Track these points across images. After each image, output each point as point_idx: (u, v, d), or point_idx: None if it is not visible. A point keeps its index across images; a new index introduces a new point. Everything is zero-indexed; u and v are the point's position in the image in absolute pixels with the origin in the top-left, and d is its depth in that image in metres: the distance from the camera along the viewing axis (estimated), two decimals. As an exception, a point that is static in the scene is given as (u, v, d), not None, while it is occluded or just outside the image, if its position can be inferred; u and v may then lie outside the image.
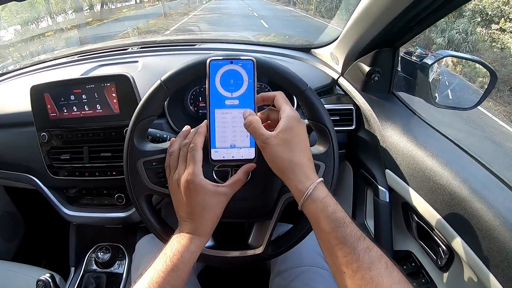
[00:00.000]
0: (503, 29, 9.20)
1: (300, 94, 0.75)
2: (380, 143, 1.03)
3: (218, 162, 0.70)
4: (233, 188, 0.68)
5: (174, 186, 0.69)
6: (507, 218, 0.67)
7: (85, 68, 1.32)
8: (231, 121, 0.68)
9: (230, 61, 0.67)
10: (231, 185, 0.68)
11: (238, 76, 0.67)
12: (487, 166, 0.82)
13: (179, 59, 1.35)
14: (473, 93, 1.07)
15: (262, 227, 0.83)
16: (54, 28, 12.36)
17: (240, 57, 0.67)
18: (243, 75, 0.67)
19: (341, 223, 0.56)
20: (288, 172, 0.62)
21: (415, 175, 0.90)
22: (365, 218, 1.20)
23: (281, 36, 2.64)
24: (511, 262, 0.64)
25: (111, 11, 19.75)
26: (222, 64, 0.67)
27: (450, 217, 0.79)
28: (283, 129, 0.63)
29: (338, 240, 0.55)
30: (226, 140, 0.68)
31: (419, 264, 1.01)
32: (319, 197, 0.59)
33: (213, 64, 0.66)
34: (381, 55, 1.06)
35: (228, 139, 0.68)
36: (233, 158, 0.68)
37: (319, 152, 0.77)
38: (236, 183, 0.69)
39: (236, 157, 0.68)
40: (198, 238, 0.67)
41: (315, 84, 1.21)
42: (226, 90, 0.67)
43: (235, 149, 0.68)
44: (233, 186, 0.68)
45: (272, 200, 0.77)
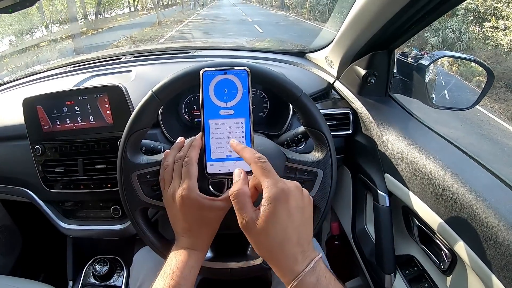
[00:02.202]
0: (496, 27, 9.26)
1: (295, 100, 0.75)
2: (378, 147, 1.02)
3: (214, 176, 0.68)
4: (229, 201, 0.67)
5: (169, 200, 0.68)
6: (510, 220, 0.66)
7: (78, 78, 1.30)
8: (226, 131, 0.66)
9: (223, 71, 0.65)
10: (227, 199, 0.66)
11: (232, 86, 0.66)
12: (489, 167, 0.81)
13: (173, 67, 1.34)
14: (470, 93, 1.07)
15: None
16: (48, 38, 12.39)
17: (234, 67, 0.66)
18: (237, 85, 0.65)
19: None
20: (271, 260, 0.56)
21: (415, 178, 0.89)
22: (365, 223, 1.19)
23: (276, 42, 2.65)
24: None
25: (106, 20, 19.79)
26: (215, 75, 0.65)
27: (452, 221, 0.78)
28: (262, 216, 0.53)
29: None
30: (221, 151, 0.67)
31: (421, 269, 1.00)
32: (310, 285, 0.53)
33: (206, 75, 0.65)
34: (377, 58, 1.06)
35: (224, 150, 0.67)
36: (229, 171, 0.67)
37: (317, 159, 0.76)
38: None
39: (232, 170, 0.66)
40: (196, 253, 0.66)
41: (310, 89, 1.20)
42: (220, 100, 0.66)
43: (231, 162, 0.67)
44: (229, 200, 0.67)
45: None
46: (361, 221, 1.21)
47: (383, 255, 1.05)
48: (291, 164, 0.77)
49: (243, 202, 0.55)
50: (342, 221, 1.37)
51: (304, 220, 0.56)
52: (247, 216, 0.54)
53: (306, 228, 0.56)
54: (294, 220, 0.54)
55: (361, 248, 1.19)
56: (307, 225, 0.57)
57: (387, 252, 1.04)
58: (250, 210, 0.55)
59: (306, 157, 0.79)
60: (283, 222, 0.53)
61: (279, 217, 0.53)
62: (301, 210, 0.56)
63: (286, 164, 0.76)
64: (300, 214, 0.55)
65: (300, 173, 0.77)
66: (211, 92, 0.66)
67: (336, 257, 1.44)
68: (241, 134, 0.66)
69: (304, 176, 0.77)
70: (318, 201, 0.76)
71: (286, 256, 0.53)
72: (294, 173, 0.77)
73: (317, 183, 0.76)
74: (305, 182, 0.77)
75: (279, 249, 0.53)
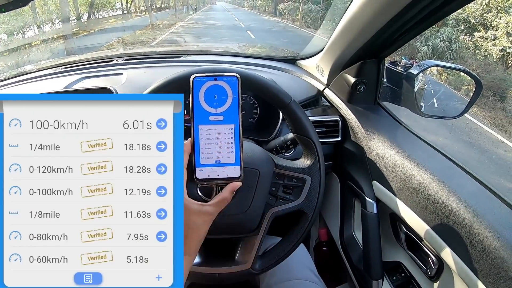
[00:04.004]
0: (486, 37, 9.40)
1: (284, 107, 0.75)
2: (367, 154, 1.03)
3: (203, 181, 0.68)
4: (218, 207, 0.67)
5: None
6: (496, 228, 0.67)
7: (69, 80, 1.29)
8: (215, 137, 0.66)
9: (214, 77, 0.66)
10: (216, 204, 0.66)
11: (222, 92, 0.66)
12: (475, 175, 0.82)
13: (164, 71, 1.34)
14: (459, 101, 1.08)
15: (249, 242, 0.82)
16: (40, 38, 12.27)
17: (224, 74, 0.66)
18: (227, 91, 0.66)
19: None
20: None
21: (403, 186, 0.90)
22: (353, 230, 1.20)
23: (267, 48, 2.65)
24: (501, 271, 0.64)
25: (98, 22, 19.67)
26: (205, 80, 0.66)
27: (439, 228, 0.79)
28: None
29: None
30: (211, 157, 0.67)
31: (408, 275, 1.01)
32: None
33: (197, 80, 0.65)
34: (366, 66, 1.07)
35: (213, 156, 0.67)
36: (218, 177, 0.67)
37: (305, 165, 0.77)
38: (222, 202, 0.67)
39: (221, 176, 0.66)
40: (184, 258, 0.66)
41: (300, 95, 1.21)
42: (210, 106, 0.66)
43: (220, 167, 0.67)
44: (218, 205, 0.67)
45: (258, 215, 0.76)
46: (349, 228, 1.21)
47: (370, 261, 1.05)
48: (280, 170, 0.77)
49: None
50: (330, 227, 1.37)
51: None
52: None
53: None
54: None
55: (349, 254, 1.19)
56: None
57: (374, 259, 1.04)
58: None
59: (294, 163, 0.79)
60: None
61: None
62: None
63: (274, 170, 0.77)
64: None
65: (289, 179, 0.77)
66: (201, 97, 0.66)
67: (324, 263, 1.45)
68: (230, 140, 0.66)
69: (292, 183, 0.77)
70: (306, 207, 0.77)
71: None
72: (282, 179, 0.77)
73: (305, 190, 0.77)
74: (293, 189, 0.78)
75: None
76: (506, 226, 0.67)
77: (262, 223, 0.77)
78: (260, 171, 0.74)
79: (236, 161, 0.66)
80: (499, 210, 0.72)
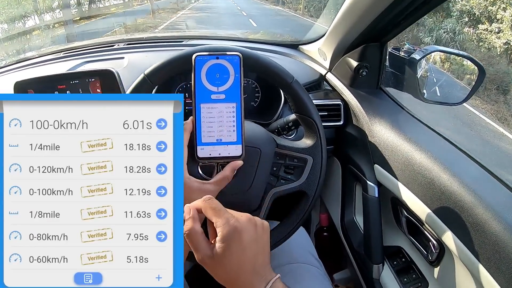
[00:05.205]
0: (490, 30, 9.33)
1: (286, 86, 0.75)
2: (369, 138, 1.03)
3: (204, 160, 0.68)
4: (219, 185, 0.67)
5: None
6: (498, 211, 0.67)
7: (71, 64, 1.29)
8: (217, 115, 0.66)
9: (216, 56, 0.65)
10: (217, 182, 0.66)
11: (224, 71, 0.66)
12: (477, 160, 0.82)
13: (165, 55, 1.31)
14: (461, 90, 1.08)
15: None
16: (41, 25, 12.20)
17: (226, 52, 0.66)
18: (229, 69, 0.65)
19: None
20: (230, 287, 0.57)
21: (404, 169, 0.90)
22: (354, 215, 1.20)
23: (269, 34, 2.64)
24: (502, 255, 0.64)
25: (99, 9, 19.52)
26: (207, 59, 0.65)
27: (441, 212, 0.79)
28: (217, 254, 0.54)
29: None
30: (212, 135, 0.67)
31: (409, 260, 1.01)
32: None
33: (199, 59, 0.65)
34: (369, 50, 1.06)
35: (215, 134, 0.67)
36: (219, 156, 0.67)
37: (307, 145, 0.76)
38: (222, 180, 0.67)
39: (222, 154, 0.66)
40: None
41: (303, 79, 1.20)
42: (212, 84, 0.66)
43: (221, 146, 0.67)
44: (219, 183, 0.67)
45: (259, 195, 0.77)
46: (350, 212, 1.22)
47: (371, 245, 1.06)
48: (281, 150, 0.77)
49: (196, 241, 0.55)
50: (331, 212, 1.38)
51: (258, 249, 0.57)
52: (202, 254, 0.55)
53: (262, 256, 0.57)
54: (248, 253, 0.55)
55: (350, 239, 1.20)
56: (262, 253, 0.58)
57: (375, 243, 1.05)
58: (205, 247, 0.55)
59: (296, 143, 0.79)
60: (238, 257, 0.54)
61: (233, 253, 0.54)
62: (255, 241, 0.56)
63: (276, 150, 0.77)
64: (254, 245, 0.56)
65: (290, 159, 0.77)
66: (203, 76, 0.65)
67: (324, 249, 1.45)
68: (232, 118, 0.66)
69: (293, 163, 0.77)
70: (307, 187, 0.77)
71: (244, 283, 0.55)
72: (284, 159, 0.77)
73: (307, 170, 0.77)
74: (295, 169, 0.78)
75: (235, 279, 0.55)
76: (508, 209, 0.67)
77: (263, 203, 0.77)
78: (261, 150, 0.74)
79: (238, 139, 0.66)
80: (501, 193, 0.72)
